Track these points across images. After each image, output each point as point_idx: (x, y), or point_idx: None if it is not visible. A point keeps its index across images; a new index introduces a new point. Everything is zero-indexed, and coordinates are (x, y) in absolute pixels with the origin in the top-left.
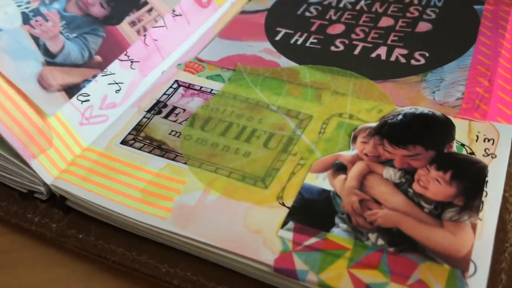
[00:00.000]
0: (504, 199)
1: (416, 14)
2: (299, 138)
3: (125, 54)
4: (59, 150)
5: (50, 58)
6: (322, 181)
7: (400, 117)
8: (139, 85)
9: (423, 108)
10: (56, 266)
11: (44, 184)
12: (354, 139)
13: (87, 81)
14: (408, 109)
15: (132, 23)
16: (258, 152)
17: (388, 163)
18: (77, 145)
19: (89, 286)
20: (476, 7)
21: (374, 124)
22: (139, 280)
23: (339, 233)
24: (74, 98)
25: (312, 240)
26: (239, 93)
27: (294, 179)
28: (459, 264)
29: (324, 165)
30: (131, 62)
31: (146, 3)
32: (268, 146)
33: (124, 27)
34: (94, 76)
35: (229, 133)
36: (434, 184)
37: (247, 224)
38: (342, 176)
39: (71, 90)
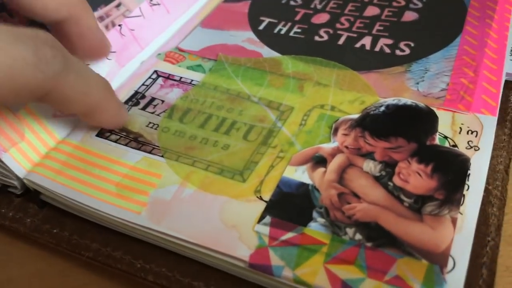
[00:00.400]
0: (488, 192)
1: (403, 3)
2: (280, 130)
3: None
4: (31, 143)
5: None
6: (301, 174)
7: (382, 108)
8: (116, 75)
9: (406, 100)
10: (31, 261)
11: (18, 178)
12: (335, 131)
13: None
14: (391, 100)
15: (100, 18)
16: (237, 144)
17: (369, 155)
18: (51, 138)
19: (65, 282)
20: None
21: (356, 116)
22: (116, 276)
23: (316, 228)
24: None
25: (288, 235)
26: (219, 84)
27: (273, 172)
28: (438, 260)
29: (304, 158)
30: None
31: None
32: (248, 139)
33: None
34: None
35: (208, 125)
36: (415, 177)
37: (224, 219)
38: (321, 169)
39: None
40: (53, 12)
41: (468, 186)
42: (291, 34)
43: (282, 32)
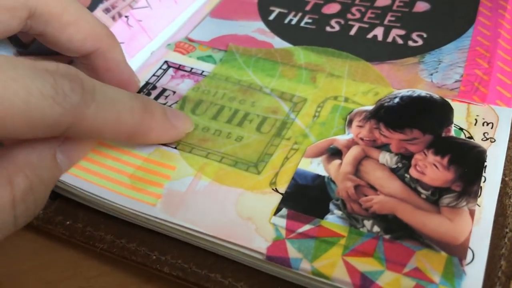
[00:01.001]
0: (504, 183)
1: None
2: (293, 122)
3: None
4: None
5: (23, 48)
6: (316, 166)
7: (397, 100)
8: None
9: (420, 91)
10: (43, 253)
11: None
12: (350, 123)
13: None
14: (405, 91)
15: (106, 10)
16: (251, 136)
17: (385, 147)
18: None
19: (77, 273)
20: None
21: (370, 108)
22: (130, 266)
23: (333, 220)
24: None
25: (306, 227)
26: (231, 74)
27: (288, 164)
28: (457, 252)
29: (319, 150)
30: None
31: None
32: (261, 130)
33: (98, 15)
34: (70, 62)
35: (221, 117)
36: (432, 169)
37: (239, 211)
38: (337, 161)
39: None
40: (79, 44)
41: (485, 178)
42: (302, 24)
43: (293, 22)
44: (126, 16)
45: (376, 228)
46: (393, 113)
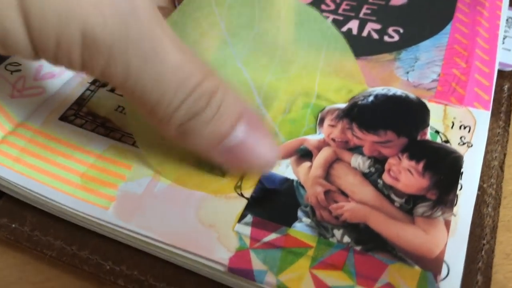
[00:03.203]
0: (482, 190)
1: None
2: (263, 118)
3: None
4: None
5: None
6: (285, 169)
7: (371, 98)
8: None
9: (396, 89)
10: None
11: None
12: (321, 121)
13: None
14: (380, 89)
15: None
16: None
17: (357, 150)
18: (9, 121)
19: (23, 278)
20: None
21: (343, 106)
22: (79, 270)
23: (301, 229)
24: (2, 68)
25: (272, 236)
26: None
27: None
28: (431, 266)
29: (288, 151)
30: None
31: None
32: None
33: None
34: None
35: None
36: (406, 175)
37: (201, 217)
38: (306, 164)
39: None
40: None
41: (461, 186)
42: None
43: None
44: None
45: (346, 239)
46: (367, 113)
